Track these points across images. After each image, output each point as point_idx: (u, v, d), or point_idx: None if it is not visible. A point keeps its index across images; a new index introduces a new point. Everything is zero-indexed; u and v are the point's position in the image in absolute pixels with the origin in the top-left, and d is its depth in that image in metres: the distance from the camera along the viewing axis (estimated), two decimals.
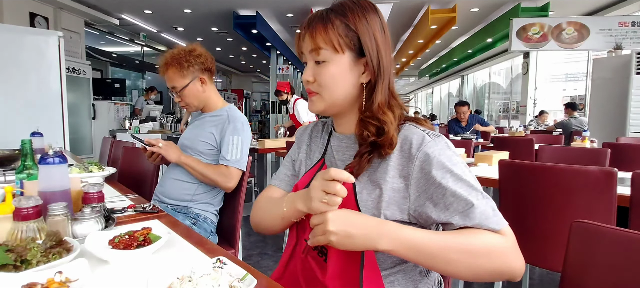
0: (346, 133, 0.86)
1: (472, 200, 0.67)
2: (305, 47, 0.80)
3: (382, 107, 0.77)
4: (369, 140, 0.75)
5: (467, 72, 14.76)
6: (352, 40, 0.76)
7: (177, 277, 0.63)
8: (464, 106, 5.17)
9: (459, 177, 0.69)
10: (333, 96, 0.79)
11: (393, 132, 0.74)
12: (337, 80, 0.78)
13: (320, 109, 0.81)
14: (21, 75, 3.42)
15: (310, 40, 0.78)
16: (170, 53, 1.64)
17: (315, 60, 0.78)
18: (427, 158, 0.71)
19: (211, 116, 1.70)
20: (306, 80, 0.80)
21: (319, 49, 0.77)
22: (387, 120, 0.75)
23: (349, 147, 0.84)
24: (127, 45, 10.13)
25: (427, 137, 0.74)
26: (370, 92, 0.79)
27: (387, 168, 0.75)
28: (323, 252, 0.82)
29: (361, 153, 0.77)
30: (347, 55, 0.77)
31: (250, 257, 2.80)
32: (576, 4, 6.97)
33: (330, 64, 0.77)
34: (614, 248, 0.71)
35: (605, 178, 1.42)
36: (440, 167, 0.70)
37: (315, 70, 0.79)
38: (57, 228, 0.82)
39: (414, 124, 0.79)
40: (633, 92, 4.63)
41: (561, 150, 2.86)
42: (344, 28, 0.76)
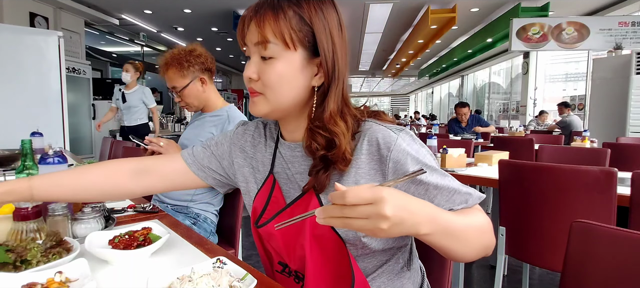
0: (298, 140, 0.75)
1: (452, 185, 0.67)
2: (249, 37, 0.69)
3: (333, 115, 0.68)
4: (318, 153, 0.67)
5: (467, 72, 14.76)
6: (306, 36, 0.67)
7: (177, 277, 0.63)
8: (465, 108, 5.18)
9: (433, 168, 0.67)
10: (279, 99, 0.69)
11: (346, 145, 0.67)
12: (285, 80, 0.68)
13: (263, 112, 0.71)
14: (21, 75, 3.42)
15: (257, 31, 0.66)
16: (170, 53, 1.64)
17: (261, 54, 0.68)
18: (400, 157, 0.66)
19: (211, 116, 1.70)
20: (248, 77, 0.69)
21: (266, 42, 0.66)
22: (338, 131, 0.67)
23: (305, 156, 0.73)
24: (127, 45, 10.13)
25: (392, 133, 0.68)
26: (322, 97, 0.69)
27: (357, 176, 0.68)
28: (299, 278, 0.75)
29: (316, 169, 0.69)
30: (299, 53, 0.67)
31: (250, 257, 2.80)
32: (576, 4, 6.97)
33: (279, 61, 0.67)
34: (614, 248, 0.71)
35: (605, 178, 1.42)
36: (415, 162, 0.66)
37: (261, 66, 0.68)
38: (57, 228, 0.82)
39: (374, 121, 0.72)
40: (633, 92, 4.64)
41: (561, 150, 2.86)
42: (297, 21, 0.66)
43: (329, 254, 0.70)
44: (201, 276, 0.62)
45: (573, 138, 3.82)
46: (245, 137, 0.85)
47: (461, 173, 2.21)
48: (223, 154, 0.86)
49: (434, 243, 0.59)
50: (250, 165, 0.83)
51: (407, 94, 30.32)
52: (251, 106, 0.72)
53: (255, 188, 0.81)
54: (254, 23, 0.67)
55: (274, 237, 0.75)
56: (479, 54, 10.27)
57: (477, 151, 3.41)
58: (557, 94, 9.80)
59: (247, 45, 0.70)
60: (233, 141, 0.86)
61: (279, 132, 0.80)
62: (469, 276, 2.52)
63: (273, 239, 0.75)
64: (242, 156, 0.84)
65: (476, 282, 2.47)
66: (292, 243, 0.73)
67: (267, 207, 0.77)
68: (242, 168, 0.84)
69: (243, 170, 0.84)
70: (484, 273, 2.57)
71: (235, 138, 0.86)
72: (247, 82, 0.71)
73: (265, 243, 0.79)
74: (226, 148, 0.86)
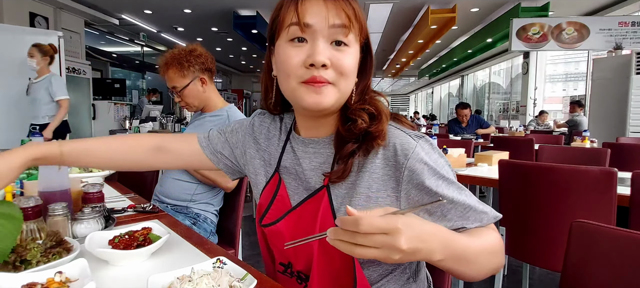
0: (315, 137, 0.73)
1: (468, 202, 0.64)
2: (329, 16, 0.60)
3: (373, 98, 0.69)
4: (361, 127, 0.64)
5: (467, 72, 14.76)
6: (365, 28, 0.66)
7: (177, 277, 0.63)
8: (466, 109, 5.19)
9: (451, 180, 0.65)
10: (347, 89, 0.65)
11: (386, 121, 0.66)
12: (353, 71, 0.65)
13: (331, 102, 0.64)
14: (21, 75, 3.42)
15: (343, 12, 0.61)
16: (170, 53, 1.64)
17: (335, 39, 0.62)
18: (417, 167, 0.63)
19: (211, 116, 1.70)
20: (321, 62, 0.60)
21: (349, 27, 0.61)
22: (382, 108, 0.67)
23: (318, 152, 0.72)
24: (127, 45, 10.13)
25: (411, 140, 0.65)
26: (362, 91, 0.70)
27: (370, 180, 0.66)
28: (301, 278, 0.74)
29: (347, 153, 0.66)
30: (358, 46, 0.66)
31: (250, 257, 2.80)
32: (576, 4, 6.97)
33: (352, 50, 0.63)
34: (614, 248, 0.71)
35: (605, 178, 1.42)
36: (432, 174, 0.63)
37: (333, 52, 0.62)
38: (57, 228, 0.82)
39: (393, 124, 0.70)
40: (633, 92, 4.64)
41: (561, 150, 2.86)
42: (363, 13, 0.65)
43: (335, 258, 0.68)
44: (201, 276, 0.62)
45: (573, 138, 3.82)
46: (261, 129, 0.83)
47: (461, 173, 2.21)
48: (237, 142, 0.86)
49: (445, 268, 0.58)
50: (262, 158, 0.81)
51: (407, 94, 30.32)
52: (316, 97, 0.62)
53: (263, 181, 0.79)
54: (336, 3, 0.61)
55: (281, 236, 0.73)
56: (479, 54, 10.27)
57: (477, 151, 3.41)
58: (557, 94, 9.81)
59: (313, 25, 0.61)
60: (248, 131, 0.85)
61: (292, 127, 0.78)
62: None
63: (279, 238, 0.74)
64: (255, 147, 0.82)
65: (476, 282, 2.47)
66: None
67: (272, 205, 0.75)
68: (254, 160, 0.82)
69: (254, 161, 0.82)
70: None
71: (250, 128, 0.84)
72: (310, 71, 0.62)
73: (269, 241, 0.78)
74: (240, 137, 0.85)
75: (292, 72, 0.63)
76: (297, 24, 0.61)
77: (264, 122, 0.83)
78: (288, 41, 0.63)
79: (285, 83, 0.66)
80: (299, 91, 0.64)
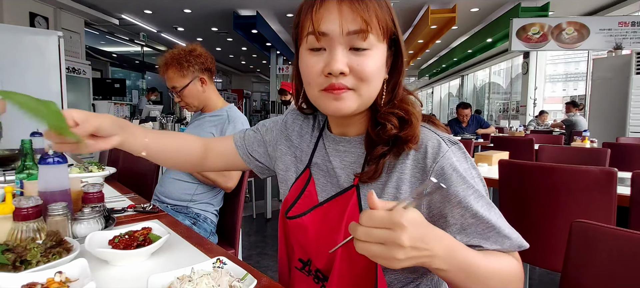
0: (346, 135, 0.73)
1: (492, 221, 0.61)
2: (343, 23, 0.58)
3: (405, 100, 0.67)
4: (391, 132, 0.63)
5: (467, 72, 14.76)
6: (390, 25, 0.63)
7: (177, 277, 0.63)
8: (467, 109, 5.22)
9: (480, 193, 0.61)
10: (370, 93, 0.64)
11: (418, 125, 0.64)
12: (377, 74, 0.63)
13: (353, 109, 0.63)
14: (21, 75, 3.42)
15: (358, 17, 0.58)
16: (170, 53, 1.64)
17: (353, 45, 0.60)
18: (445, 172, 0.61)
19: (211, 116, 1.70)
20: (339, 70, 0.59)
21: (367, 32, 0.59)
22: (413, 111, 0.65)
23: (349, 151, 0.72)
24: (127, 45, 10.14)
25: (443, 144, 0.64)
26: (393, 88, 0.67)
27: (399, 181, 0.65)
28: (319, 278, 0.73)
29: (378, 154, 0.65)
30: (384, 45, 0.63)
31: (250, 257, 2.80)
32: (576, 4, 6.97)
33: (373, 52, 0.61)
34: (614, 248, 0.71)
35: (605, 178, 1.42)
36: (461, 182, 0.61)
37: (352, 58, 0.60)
38: (57, 228, 0.82)
39: (427, 126, 0.68)
40: (633, 92, 4.64)
41: (561, 150, 2.86)
42: (386, 11, 0.62)
43: (358, 260, 0.66)
44: (201, 276, 0.62)
45: (573, 138, 3.82)
46: (294, 126, 0.83)
47: None
48: (271, 140, 0.86)
49: (449, 281, 0.55)
50: (294, 155, 0.81)
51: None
52: (335, 105, 0.62)
53: (293, 177, 0.79)
54: (352, 8, 0.58)
55: (305, 230, 0.72)
56: (479, 54, 10.28)
57: (477, 151, 3.41)
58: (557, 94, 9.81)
59: (329, 33, 0.59)
60: (281, 128, 0.85)
61: (325, 124, 0.78)
62: None
63: (303, 232, 0.72)
64: (286, 144, 0.83)
65: None
66: (324, 239, 0.70)
67: (299, 199, 0.75)
68: (285, 157, 0.82)
69: (285, 158, 0.82)
70: None
71: (283, 125, 0.85)
72: (329, 79, 0.61)
73: (291, 236, 0.77)
74: (275, 135, 0.86)
75: (312, 81, 0.63)
76: (313, 33, 0.60)
77: (297, 120, 0.83)
78: (308, 50, 0.63)
79: (308, 90, 0.67)
80: (320, 99, 0.64)
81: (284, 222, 0.78)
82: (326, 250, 0.69)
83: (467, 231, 0.61)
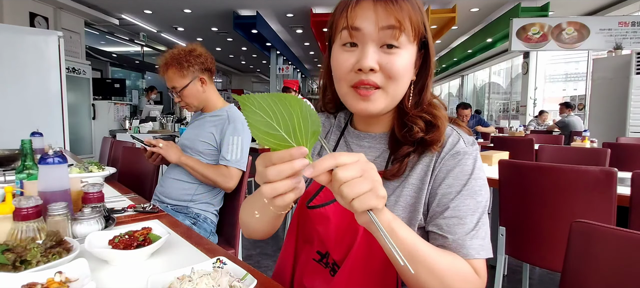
0: (371, 131, 0.74)
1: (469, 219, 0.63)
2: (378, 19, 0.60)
3: (432, 104, 0.69)
4: (418, 136, 0.66)
5: (467, 72, 14.75)
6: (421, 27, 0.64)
7: (177, 277, 0.63)
8: (467, 109, 5.25)
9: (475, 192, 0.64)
10: (398, 93, 0.65)
11: (445, 129, 0.67)
12: (406, 74, 0.64)
13: (381, 108, 0.65)
14: (21, 75, 3.42)
15: (392, 14, 0.59)
16: (170, 53, 1.64)
17: (385, 42, 0.61)
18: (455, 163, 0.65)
19: (211, 116, 1.70)
20: (368, 67, 0.60)
21: (400, 30, 0.60)
22: (441, 115, 0.67)
23: (373, 147, 0.73)
24: (127, 45, 10.13)
25: (463, 143, 0.67)
26: (420, 90, 0.69)
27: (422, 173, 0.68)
28: (335, 270, 0.73)
29: (401, 155, 0.67)
30: (415, 46, 0.64)
31: (250, 257, 2.80)
32: (576, 4, 6.97)
33: (404, 52, 0.62)
34: (614, 248, 0.71)
35: (605, 178, 1.42)
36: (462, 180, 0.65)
37: (383, 57, 0.61)
38: (57, 228, 0.82)
39: (451, 125, 0.71)
40: (633, 92, 4.64)
41: (561, 150, 2.86)
42: (418, 14, 0.63)
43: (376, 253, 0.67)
44: (201, 276, 0.62)
45: (573, 138, 3.82)
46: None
47: None
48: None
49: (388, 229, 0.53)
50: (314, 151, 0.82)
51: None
52: (364, 104, 0.64)
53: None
54: (386, 8, 0.59)
55: (327, 221, 0.72)
56: (479, 54, 10.27)
57: None
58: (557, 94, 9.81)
59: (362, 29, 0.60)
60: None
61: (348, 121, 0.79)
62: None
63: (324, 223, 0.72)
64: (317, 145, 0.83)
65: None
66: (343, 229, 0.70)
67: (322, 190, 0.75)
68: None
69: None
70: None
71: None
72: (358, 75, 0.62)
73: (310, 227, 0.77)
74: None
75: (342, 77, 0.64)
76: (347, 28, 0.61)
77: (327, 120, 0.84)
78: (341, 45, 0.64)
79: (338, 86, 0.67)
80: (349, 96, 0.65)
81: (302, 213, 0.77)
82: (345, 243, 0.70)
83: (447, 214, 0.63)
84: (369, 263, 0.67)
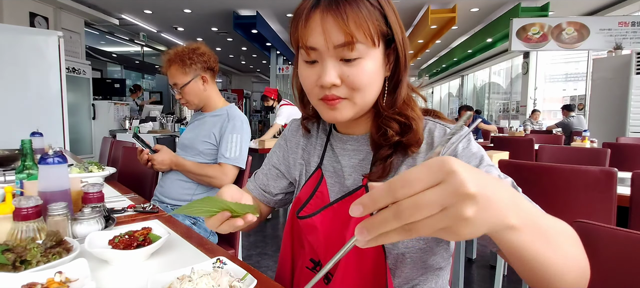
0: (353, 133, 0.73)
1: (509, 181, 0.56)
2: (328, 38, 0.57)
3: (407, 101, 0.66)
4: (393, 139, 0.64)
5: (467, 72, 14.75)
6: (383, 27, 0.61)
7: (177, 277, 0.63)
8: (470, 111, 5.25)
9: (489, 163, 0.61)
10: (366, 99, 0.63)
11: (421, 128, 0.65)
12: (373, 80, 0.61)
13: (349, 117, 0.64)
14: (21, 75, 3.42)
15: (340, 30, 0.56)
16: (174, 50, 1.65)
17: (342, 57, 0.59)
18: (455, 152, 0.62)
19: (211, 116, 1.70)
20: (330, 83, 0.59)
21: (353, 43, 0.57)
22: (415, 116, 0.65)
23: (357, 150, 0.72)
24: (127, 45, 10.13)
25: (448, 130, 0.66)
26: (394, 87, 0.66)
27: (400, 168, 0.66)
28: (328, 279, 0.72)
29: (382, 156, 0.65)
30: (380, 48, 0.61)
31: (250, 257, 2.80)
32: (576, 4, 6.97)
33: (366, 61, 0.59)
34: (614, 248, 0.71)
35: (605, 178, 1.42)
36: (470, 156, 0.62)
37: (343, 69, 0.59)
38: (57, 228, 0.82)
39: (431, 119, 0.69)
40: (633, 92, 4.64)
41: (561, 150, 2.86)
42: (377, 12, 0.59)
43: (367, 258, 0.66)
44: (201, 276, 0.62)
45: (573, 138, 3.82)
46: (296, 136, 0.84)
47: None
48: (288, 166, 0.85)
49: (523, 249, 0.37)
50: (303, 158, 0.82)
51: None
52: (330, 114, 0.63)
53: (304, 179, 0.79)
54: (334, 21, 0.56)
55: (315, 231, 0.72)
56: (479, 54, 10.27)
57: None
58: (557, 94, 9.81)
59: (318, 48, 0.59)
60: (288, 139, 0.86)
61: (332, 126, 0.78)
62: (469, 276, 2.52)
63: (314, 233, 0.72)
64: (298, 153, 0.83)
65: (476, 282, 2.47)
66: (333, 239, 0.70)
67: (311, 199, 0.75)
68: (296, 163, 0.83)
69: (297, 165, 0.83)
70: (484, 273, 2.57)
71: (290, 135, 0.86)
72: (323, 90, 0.61)
73: (302, 236, 0.77)
74: (286, 155, 0.86)
75: (309, 91, 0.65)
76: (303, 48, 0.61)
77: (296, 130, 0.85)
78: (303, 61, 0.63)
79: (309, 97, 0.67)
80: (319, 106, 0.65)
81: (294, 222, 0.78)
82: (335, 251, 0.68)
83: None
84: (360, 269, 0.68)
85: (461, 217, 0.30)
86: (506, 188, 0.35)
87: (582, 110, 7.69)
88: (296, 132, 0.85)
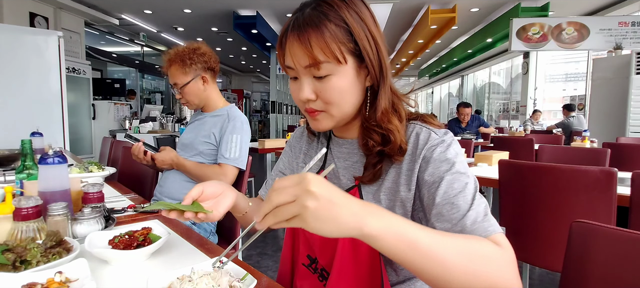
0: (347, 137, 0.77)
1: (465, 190, 0.60)
2: (296, 60, 0.63)
3: (386, 113, 0.68)
4: (374, 150, 0.68)
5: (467, 72, 14.75)
6: (351, 44, 0.64)
7: (177, 277, 0.63)
8: (468, 108, 5.23)
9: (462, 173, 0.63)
10: (343, 110, 0.67)
11: (401, 138, 0.67)
12: (345, 93, 0.66)
13: (329, 127, 0.70)
14: (21, 75, 3.42)
15: (305, 54, 0.61)
16: (175, 50, 1.65)
17: (313, 75, 0.64)
18: (433, 156, 0.64)
19: (211, 116, 1.70)
20: (305, 99, 0.66)
21: (318, 64, 0.62)
22: (392, 128, 0.67)
23: (351, 152, 0.76)
24: (127, 45, 10.13)
25: (434, 135, 0.67)
26: (374, 96, 0.69)
27: (396, 175, 0.69)
28: (324, 276, 0.74)
29: (371, 163, 0.69)
30: (350, 63, 0.64)
31: (250, 257, 2.80)
32: (576, 4, 6.97)
33: (335, 77, 0.64)
34: (614, 248, 0.71)
35: (605, 178, 1.42)
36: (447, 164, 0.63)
37: (316, 86, 0.65)
38: (57, 228, 0.82)
39: (419, 123, 0.71)
40: (633, 92, 4.63)
41: (561, 150, 2.86)
42: (341, 31, 0.62)
43: (362, 255, 0.69)
44: (201, 276, 0.62)
45: (573, 138, 3.81)
46: (303, 138, 0.89)
47: None
48: (293, 170, 0.90)
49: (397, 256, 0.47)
50: (304, 162, 0.87)
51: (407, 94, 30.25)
52: (314, 124, 0.70)
53: None
54: (299, 45, 0.62)
55: None
56: (479, 54, 10.27)
57: (477, 151, 3.41)
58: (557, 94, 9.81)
59: (293, 68, 0.65)
60: (293, 146, 0.91)
61: (330, 130, 0.83)
62: None
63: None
64: (302, 158, 0.88)
65: None
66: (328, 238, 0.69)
67: None
68: (299, 166, 0.88)
69: (299, 167, 0.88)
70: None
71: (294, 142, 0.91)
72: (304, 104, 0.68)
73: (299, 232, 0.80)
74: (291, 160, 0.91)
75: (297, 103, 0.71)
76: (282, 67, 0.68)
77: (301, 137, 0.90)
78: (289, 77, 0.70)
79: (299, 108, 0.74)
80: (306, 116, 0.72)
81: None
82: (330, 249, 0.72)
83: (436, 206, 0.61)
84: (356, 268, 0.69)
85: (304, 206, 0.44)
86: (361, 203, 0.47)
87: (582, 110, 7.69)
88: (300, 138, 0.91)
